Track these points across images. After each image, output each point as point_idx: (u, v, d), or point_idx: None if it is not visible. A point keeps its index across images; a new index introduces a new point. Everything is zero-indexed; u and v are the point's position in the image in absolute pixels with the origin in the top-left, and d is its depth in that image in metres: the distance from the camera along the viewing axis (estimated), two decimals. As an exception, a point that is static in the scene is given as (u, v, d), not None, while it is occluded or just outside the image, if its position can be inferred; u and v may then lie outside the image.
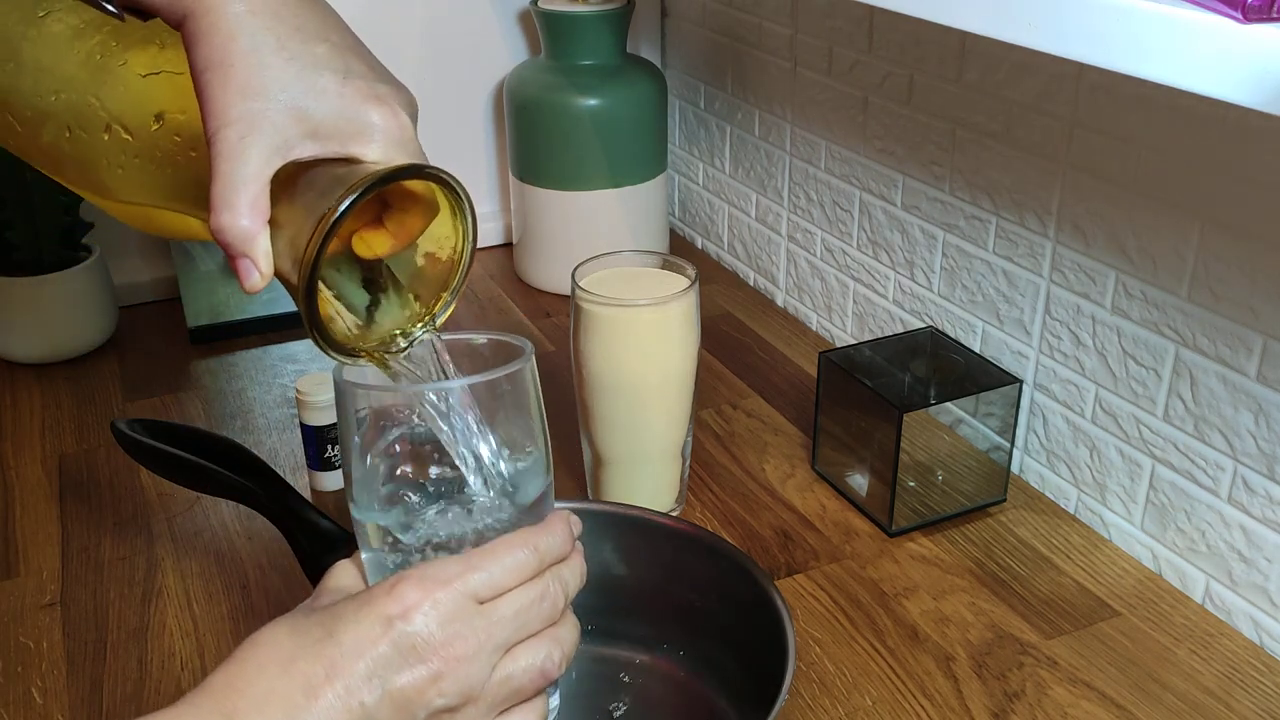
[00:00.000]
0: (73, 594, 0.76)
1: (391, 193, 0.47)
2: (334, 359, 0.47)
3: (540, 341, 1.09)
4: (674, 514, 0.82)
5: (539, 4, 1.12)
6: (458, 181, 0.46)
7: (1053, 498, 0.85)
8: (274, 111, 0.44)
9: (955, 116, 0.88)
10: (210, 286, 1.07)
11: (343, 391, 0.48)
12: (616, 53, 1.13)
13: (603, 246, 0.87)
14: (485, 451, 0.49)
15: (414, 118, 0.48)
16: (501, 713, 0.47)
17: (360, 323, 0.48)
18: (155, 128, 0.49)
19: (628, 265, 0.80)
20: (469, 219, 0.47)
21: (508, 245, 1.29)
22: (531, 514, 0.50)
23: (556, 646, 0.48)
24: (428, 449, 0.49)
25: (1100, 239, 0.77)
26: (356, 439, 0.49)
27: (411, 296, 0.49)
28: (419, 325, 0.49)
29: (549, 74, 1.12)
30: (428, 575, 0.46)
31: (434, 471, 0.49)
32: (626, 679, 0.66)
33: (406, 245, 0.48)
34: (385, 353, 0.48)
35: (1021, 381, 0.82)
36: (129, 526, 0.83)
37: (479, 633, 0.45)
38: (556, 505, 0.53)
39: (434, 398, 0.48)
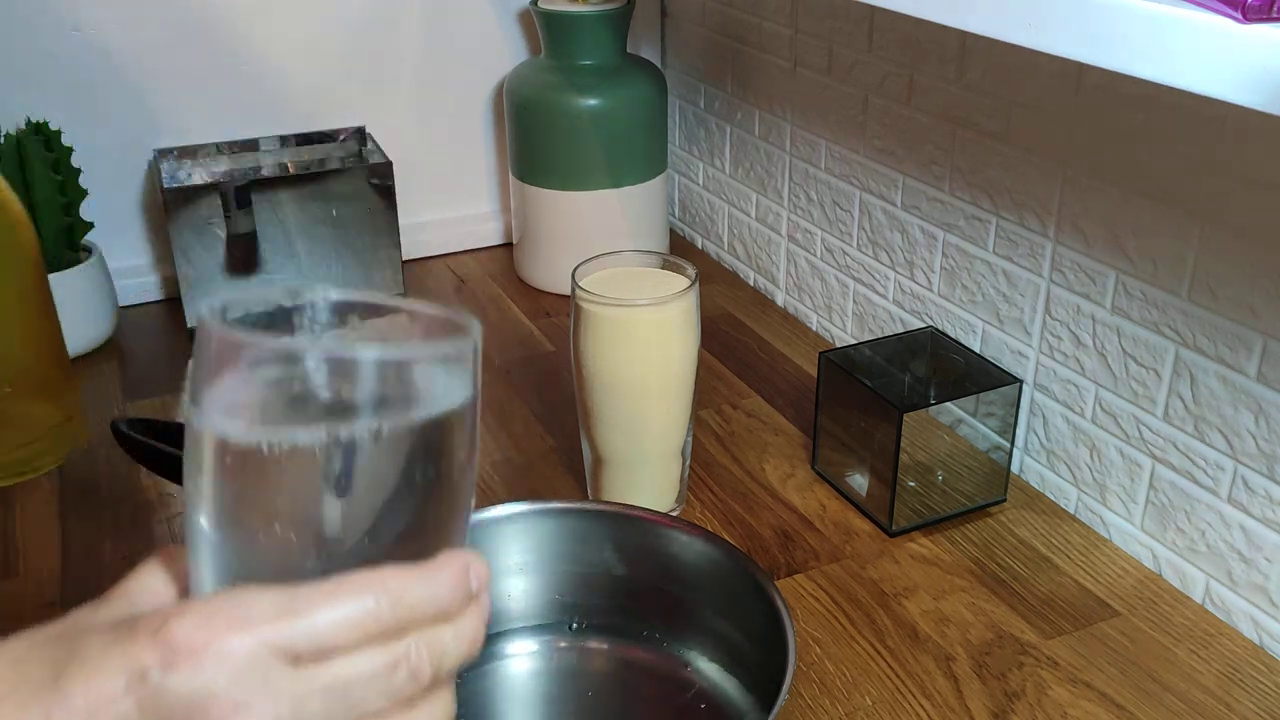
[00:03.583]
0: (73, 594, 0.76)
1: None
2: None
3: (540, 341, 1.09)
4: (674, 514, 0.82)
5: (539, 4, 1.12)
6: None
7: (1053, 498, 0.85)
8: None
9: (955, 116, 0.88)
10: (210, 286, 1.07)
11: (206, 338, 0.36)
12: (616, 53, 1.13)
13: (603, 246, 0.87)
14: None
15: None
16: None
17: None
18: None
19: (628, 265, 0.80)
20: None
21: (508, 245, 1.29)
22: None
23: None
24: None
25: (1100, 239, 0.77)
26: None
27: None
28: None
29: (549, 74, 1.12)
30: (222, 610, 0.32)
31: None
32: (626, 680, 0.66)
33: None
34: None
35: (1021, 381, 0.82)
36: (129, 527, 0.83)
37: (280, 704, 0.32)
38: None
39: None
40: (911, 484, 0.80)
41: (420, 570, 0.35)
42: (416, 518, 0.36)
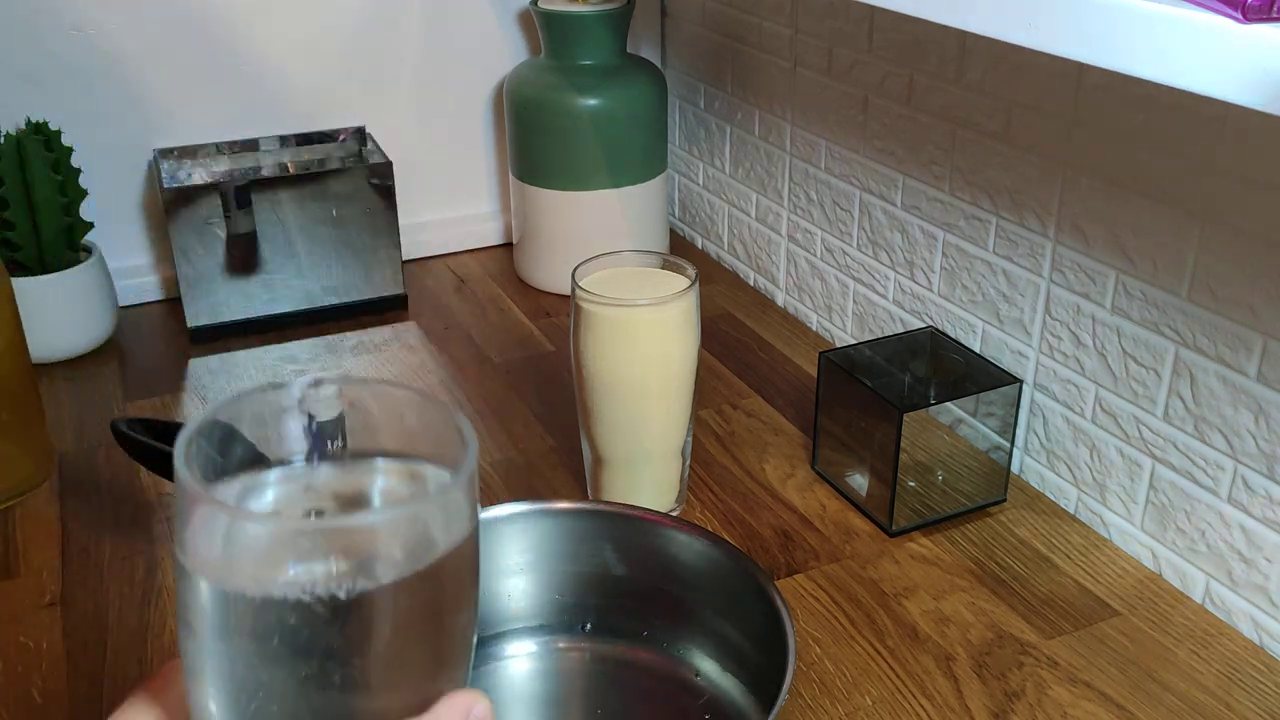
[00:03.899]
0: (73, 594, 0.76)
1: None
2: None
3: (540, 341, 1.09)
4: (674, 514, 0.82)
5: (539, 4, 1.12)
6: None
7: (1053, 498, 0.85)
8: None
9: (955, 116, 0.88)
10: (210, 286, 1.07)
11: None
12: (616, 53, 1.13)
13: (603, 246, 0.87)
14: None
15: None
16: None
17: None
18: None
19: (628, 265, 0.80)
20: None
21: (508, 245, 1.29)
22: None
23: None
24: None
25: (1100, 239, 0.77)
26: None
27: None
28: None
29: (549, 74, 1.12)
30: None
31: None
32: (626, 680, 0.66)
33: None
34: None
35: (1021, 381, 0.82)
36: (129, 526, 0.83)
37: None
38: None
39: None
40: (911, 484, 0.80)
41: None
42: (414, 666, 0.33)
